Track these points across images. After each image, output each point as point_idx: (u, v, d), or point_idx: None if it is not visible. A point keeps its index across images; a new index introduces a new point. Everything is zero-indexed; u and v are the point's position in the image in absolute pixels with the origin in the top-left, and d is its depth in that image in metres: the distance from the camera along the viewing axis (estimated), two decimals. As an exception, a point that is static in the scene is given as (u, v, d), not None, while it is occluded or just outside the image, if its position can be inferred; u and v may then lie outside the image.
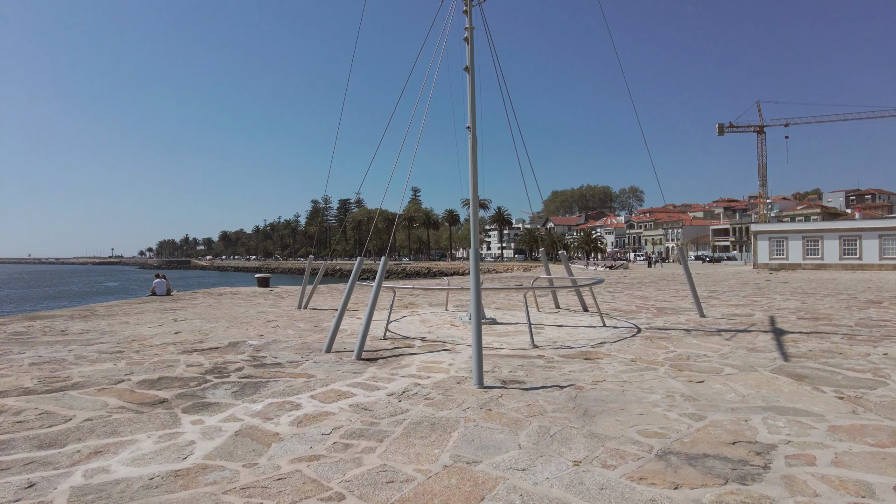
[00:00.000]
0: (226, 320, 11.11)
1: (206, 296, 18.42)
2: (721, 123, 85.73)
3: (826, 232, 44.49)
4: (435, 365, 6.46)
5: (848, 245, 42.88)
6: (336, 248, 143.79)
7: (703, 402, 4.82)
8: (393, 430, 4.09)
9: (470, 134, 10.56)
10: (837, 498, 2.95)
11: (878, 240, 41.70)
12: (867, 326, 9.51)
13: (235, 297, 17.73)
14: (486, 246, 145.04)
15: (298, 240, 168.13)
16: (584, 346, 7.70)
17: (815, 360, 6.61)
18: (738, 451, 3.64)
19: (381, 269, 7.64)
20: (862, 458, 3.48)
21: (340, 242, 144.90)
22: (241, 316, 11.90)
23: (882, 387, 5.29)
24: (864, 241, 42.20)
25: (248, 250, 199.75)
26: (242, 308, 13.74)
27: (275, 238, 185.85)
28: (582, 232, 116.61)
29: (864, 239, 42.25)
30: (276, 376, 5.94)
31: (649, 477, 3.22)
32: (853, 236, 42.86)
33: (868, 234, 42.27)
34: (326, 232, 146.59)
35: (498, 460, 3.48)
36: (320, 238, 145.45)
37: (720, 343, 7.84)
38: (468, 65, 10.73)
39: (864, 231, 42.73)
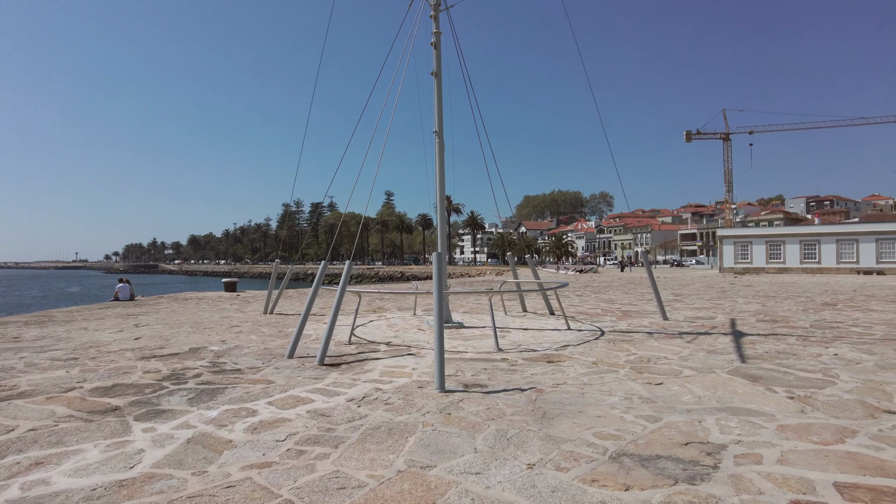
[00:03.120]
0: (188, 326, 10.88)
1: (171, 301, 18.03)
2: (689, 130, 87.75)
3: (788, 237, 45.91)
4: (398, 369, 6.42)
5: (808, 249, 44.31)
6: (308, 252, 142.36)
7: (661, 403, 4.89)
8: (349, 435, 4.04)
9: (437, 138, 10.59)
10: (780, 495, 3.02)
11: (835, 244, 43.23)
12: (821, 328, 9.81)
13: (201, 302, 17.40)
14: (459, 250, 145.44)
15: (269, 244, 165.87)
16: (548, 350, 7.75)
17: (771, 361, 6.78)
18: (690, 451, 3.70)
19: (346, 274, 7.57)
20: (806, 456, 3.57)
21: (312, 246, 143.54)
22: (205, 321, 11.67)
23: (830, 386, 5.44)
24: (823, 245, 43.71)
25: (218, 254, 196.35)
26: (207, 313, 13.48)
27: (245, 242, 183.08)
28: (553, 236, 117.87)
29: (822, 244, 43.76)
30: (234, 382, 5.83)
31: (601, 479, 3.24)
32: (813, 241, 44.31)
33: (826, 239, 43.81)
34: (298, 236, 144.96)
35: (452, 464, 3.46)
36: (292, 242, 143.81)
37: (681, 345, 7.98)
38: (435, 69, 10.77)
39: (823, 236, 44.26)
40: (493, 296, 10.71)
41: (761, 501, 2.95)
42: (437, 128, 10.59)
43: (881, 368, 6.28)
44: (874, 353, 7.21)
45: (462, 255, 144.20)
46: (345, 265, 7.81)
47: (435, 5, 10.78)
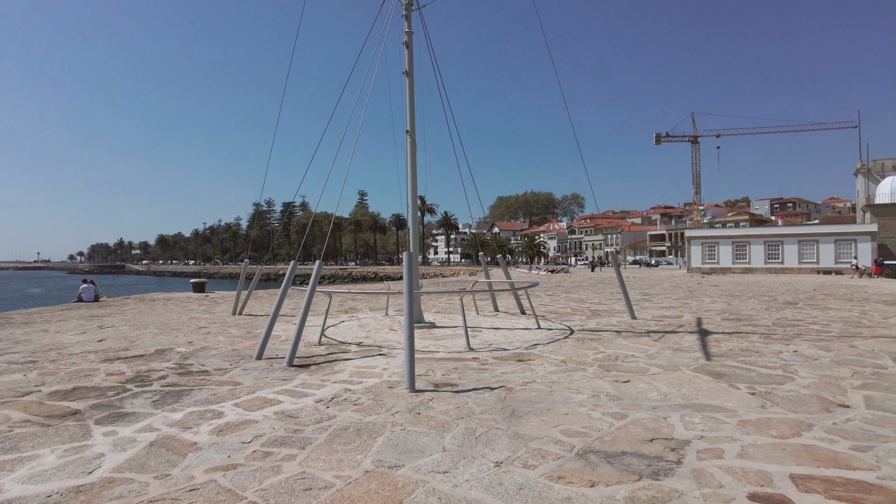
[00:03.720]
0: (155, 327, 10.65)
1: (138, 302, 17.62)
2: (658, 133, 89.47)
3: (753, 238, 47.18)
4: (368, 370, 6.39)
5: (772, 250, 45.61)
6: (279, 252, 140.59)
7: (627, 401, 4.97)
8: (317, 436, 4.01)
9: (409, 138, 10.58)
10: (739, 488, 3.10)
11: (797, 245, 44.60)
12: (782, 326, 10.09)
13: (168, 303, 17.04)
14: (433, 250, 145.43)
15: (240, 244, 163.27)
16: (519, 349, 7.81)
17: (734, 358, 6.95)
18: (654, 447, 3.77)
19: (315, 274, 7.51)
20: (765, 450, 3.67)
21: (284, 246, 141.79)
22: (172, 322, 11.44)
23: (790, 382, 5.61)
24: (786, 246, 45.06)
25: (187, 255, 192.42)
26: (174, 314, 13.21)
27: (215, 242, 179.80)
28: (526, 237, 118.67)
29: (785, 244, 45.11)
30: (201, 384, 5.73)
31: (567, 476, 3.28)
32: (776, 242, 45.64)
33: (789, 239, 45.19)
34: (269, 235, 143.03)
35: (420, 464, 3.47)
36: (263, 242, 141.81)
37: (648, 344, 8.13)
38: (407, 69, 10.75)
39: (786, 237, 45.64)
40: (464, 296, 10.74)
41: (721, 495, 3.02)
42: (409, 127, 10.58)
43: (837, 364, 6.49)
44: (831, 350, 7.45)
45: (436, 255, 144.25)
46: (315, 265, 7.73)
47: (407, 5, 10.77)
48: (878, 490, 3.06)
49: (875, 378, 5.77)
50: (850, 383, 5.55)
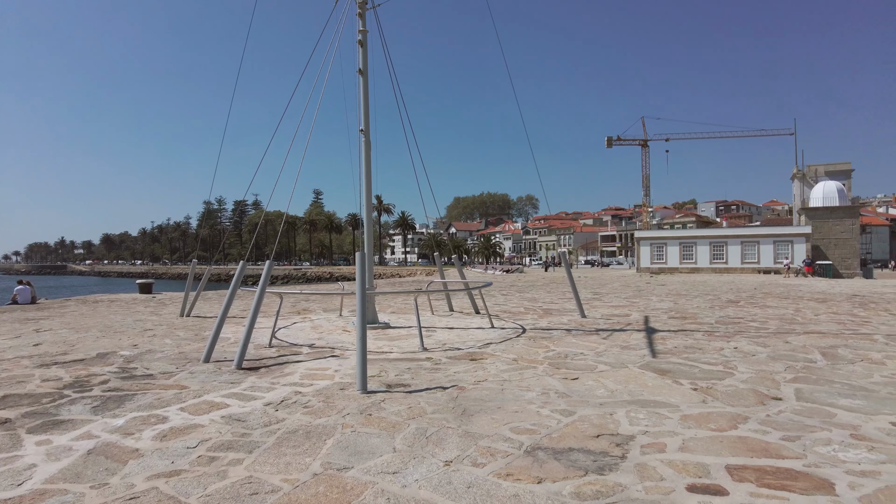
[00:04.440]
0: (97, 330, 10.22)
1: (80, 304, 16.84)
2: (610, 136, 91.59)
3: (699, 239, 49.03)
4: (320, 372, 6.32)
5: (717, 250, 47.53)
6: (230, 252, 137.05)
7: (575, 398, 5.09)
8: (265, 440, 3.94)
9: (363, 137, 10.52)
10: (679, 480, 3.22)
11: (740, 246, 46.65)
12: (724, 324, 10.53)
13: (113, 304, 16.37)
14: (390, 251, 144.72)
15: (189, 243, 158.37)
16: (472, 348, 7.88)
17: (679, 355, 7.21)
18: (600, 443, 3.87)
19: (265, 274, 7.37)
20: (704, 443, 3.83)
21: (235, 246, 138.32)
22: (116, 325, 11.00)
23: (729, 377, 5.86)
24: (730, 247, 47.06)
25: (134, 254, 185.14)
26: (119, 316, 12.70)
27: (163, 241, 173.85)
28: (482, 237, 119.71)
29: (729, 245, 47.12)
30: (145, 389, 5.54)
31: (516, 473, 3.34)
32: (721, 243, 47.59)
33: (732, 241, 47.22)
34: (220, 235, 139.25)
35: (370, 465, 3.46)
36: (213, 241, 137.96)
37: (597, 342, 8.34)
38: (361, 67, 10.69)
39: (730, 238, 47.67)
40: (419, 296, 10.75)
41: (662, 487, 3.13)
42: (364, 126, 10.52)
43: (772, 359, 6.83)
44: (767, 346, 7.83)
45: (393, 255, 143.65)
46: (265, 265, 7.59)
47: (361, 3, 10.70)
48: (804, 477, 3.24)
49: (805, 372, 6.10)
50: (784, 377, 5.85)
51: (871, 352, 7.35)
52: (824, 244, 44.21)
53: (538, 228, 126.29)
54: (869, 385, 5.48)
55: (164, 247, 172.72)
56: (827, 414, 4.51)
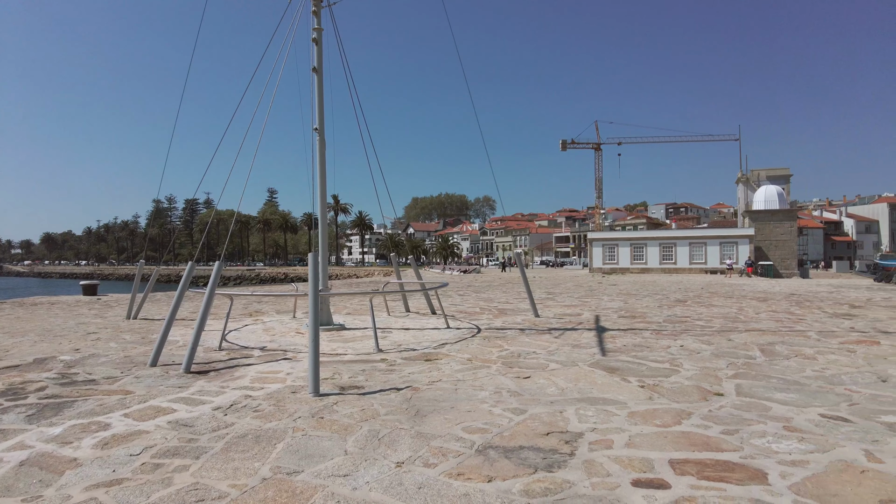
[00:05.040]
0: (35, 334, 9.73)
1: (15, 306, 15.98)
2: (564, 139, 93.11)
3: (649, 240, 50.60)
4: (271, 375, 6.21)
5: (666, 251, 49.14)
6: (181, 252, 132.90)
7: (527, 396, 5.18)
8: (213, 445, 3.85)
9: (318, 136, 10.40)
10: (625, 476, 3.32)
11: (688, 247, 48.37)
12: (672, 322, 10.90)
13: (53, 307, 15.61)
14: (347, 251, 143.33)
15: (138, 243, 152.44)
16: (427, 348, 7.90)
17: (628, 353, 7.42)
18: (550, 441, 3.95)
19: (215, 275, 7.19)
20: (649, 439, 3.96)
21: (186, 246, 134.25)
22: (57, 328, 10.50)
23: (675, 374, 6.08)
24: (679, 248, 48.75)
25: (78, 255, 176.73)
26: (60, 319, 12.13)
27: (110, 241, 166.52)
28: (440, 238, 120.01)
29: (678, 246, 48.80)
30: (86, 395, 5.32)
31: (467, 472, 3.37)
32: (670, 244, 49.24)
33: (681, 242, 48.94)
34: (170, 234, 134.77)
35: (321, 468, 3.43)
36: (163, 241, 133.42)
37: (549, 341, 8.49)
38: (316, 65, 10.56)
39: (678, 240, 49.39)
40: (374, 297, 10.69)
41: (608, 483, 3.23)
42: (318, 125, 10.40)
43: (715, 356, 7.11)
44: (711, 344, 8.14)
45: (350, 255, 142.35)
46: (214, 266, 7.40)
47: (316, 1, 10.57)
48: (741, 468, 3.40)
49: (745, 368, 6.38)
50: (725, 373, 6.10)
51: (804, 348, 7.74)
52: (766, 245, 46.28)
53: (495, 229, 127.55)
54: (801, 379, 5.78)
55: (110, 247, 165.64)
56: (763, 408, 4.74)
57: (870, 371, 6.19)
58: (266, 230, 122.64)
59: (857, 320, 11.09)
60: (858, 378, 5.85)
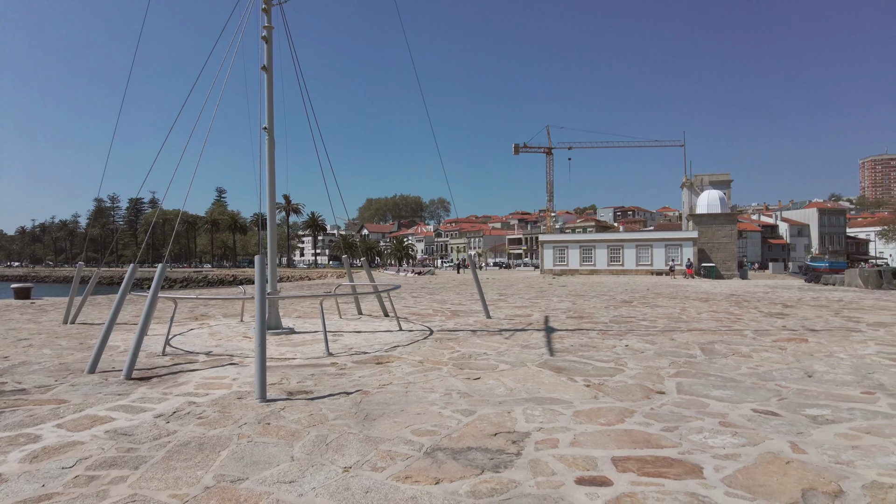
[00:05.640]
0: (-42, 341, 9.15)
1: (-65, 312, 14.97)
2: (517, 143, 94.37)
3: (598, 242, 51.97)
4: (217, 381, 6.05)
5: (614, 253, 50.58)
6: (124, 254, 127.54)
7: (476, 397, 5.23)
8: (153, 454, 3.73)
9: (267, 135, 10.21)
10: (569, 474, 3.41)
11: (635, 249, 49.94)
12: (618, 322, 11.22)
13: (-22, 312, 14.70)
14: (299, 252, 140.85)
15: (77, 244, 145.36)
16: (379, 351, 7.87)
17: (575, 353, 7.59)
18: (497, 441, 4.01)
19: (158, 278, 6.95)
20: (593, 437, 4.07)
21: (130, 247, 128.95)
22: (-19, 335, 9.90)
23: (620, 374, 6.26)
24: (626, 250, 50.28)
25: (10, 255, 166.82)
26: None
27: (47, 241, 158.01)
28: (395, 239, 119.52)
29: (625, 248, 50.33)
30: (15, 405, 5.04)
31: (415, 475, 3.38)
32: (618, 246, 50.71)
33: (628, 244, 50.49)
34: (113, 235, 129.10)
35: (266, 475, 3.37)
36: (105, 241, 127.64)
37: (500, 342, 8.60)
38: (266, 64, 10.37)
39: (626, 242, 50.93)
40: (325, 299, 10.56)
41: (553, 482, 3.30)
42: (268, 124, 10.21)
43: (658, 356, 7.37)
44: (655, 343, 8.43)
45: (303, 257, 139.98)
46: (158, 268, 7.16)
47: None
48: (679, 464, 3.54)
49: (686, 367, 6.64)
50: (668, 372, 6.33)
51: (741, 346, 8.11)
52: (708, 248, 48.21)
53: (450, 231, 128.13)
54: (737, 376, 6.06)
55: (47, 247, 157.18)
56: (702, 405, 4.94)
57: (798, 367, 6.54)
58: (214, 231, 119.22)
59: (789, 319, 11.70)
60: (788, 374, 6.17)
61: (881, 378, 5.96)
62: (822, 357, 7.21)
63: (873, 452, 3.71)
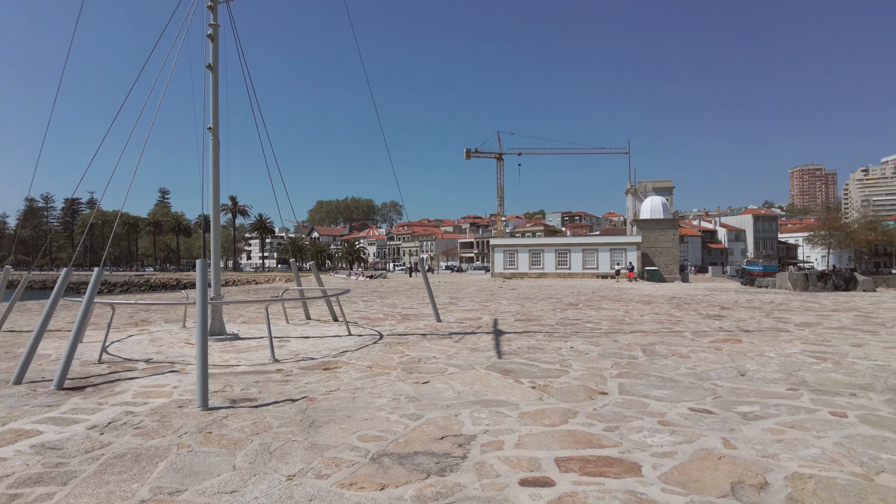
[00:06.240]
0: None
1: None
2: (468, 148, 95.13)
3: (546, 246, 53.09)
4: (156, 389, 5.83)
5: (561, 257, 51.80)
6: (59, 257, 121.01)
7: (425, 401, 5.24)
8: (85, 468, 3.56)
9: (212, 135, 9.94)
10: (513, 475, 3.46)
11: (581, 253, 51.31)
12: (564, 325, 11.47)
13: None
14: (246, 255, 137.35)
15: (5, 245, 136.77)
16: (326, 357, 7.77)
17: (522, 355, 7.71)
18: (444, 445, 4.03)
19: (94, 282, 6.65)
20: (538, 438, 4.15)
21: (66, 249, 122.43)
22: None
23: (564, 375, 6.40)
24: (573, 254, 51.58)
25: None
26: None
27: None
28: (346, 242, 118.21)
29: (572, 252, 51.64)
30: (-70, 420, 4.71)
31: (360, 481, 3.36)
32: (565, 250, 51.97)
33: (575, 248, 51.84)
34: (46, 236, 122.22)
35: (206, 486, 3.28)
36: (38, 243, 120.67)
37: (449, 345, 8.65)
38: (212, 62, 10.10)
39: (573, 246, 52.29)
40: (271, 304, 10.33)
41: (497, 483, 3.34)
42: (213, 124, 9.94)
43: (602, 357, 7.58)
44: (599, 345, 8.66)
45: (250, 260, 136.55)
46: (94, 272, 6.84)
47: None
48: (619, 462, 3.65)
49: (628, 367, 6.85)
50: (610, 373, 6.51)
51: (680, 347, 8.44)
52: (652, 252, 49.91)
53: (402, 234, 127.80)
54: (676, 376, 6.30)
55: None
56: (642, 405, 5.11)
57: (732, 366, 6.87)
58: (157, 233, 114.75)
59: (725, 320, 12.26)
60: (723, 373, 6.47)
61: (805, 375, 6.33)
62: (753, 357, 7.58)
63: (796, 445, 3.94)
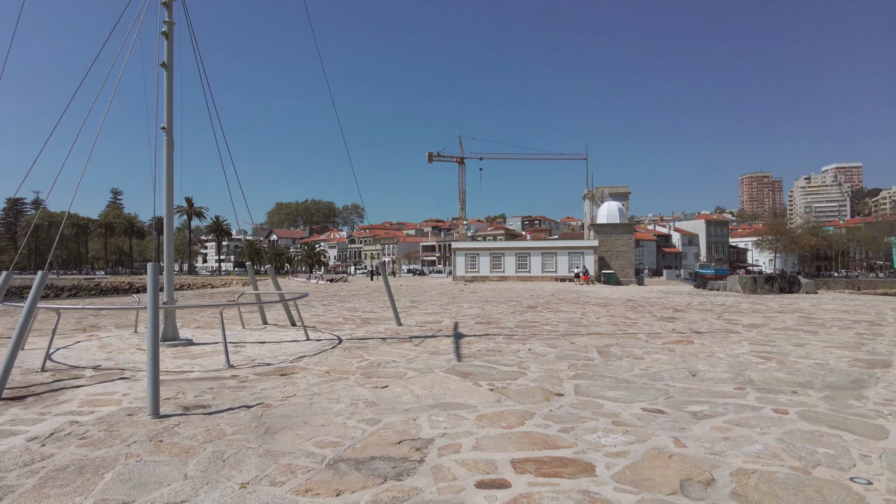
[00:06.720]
0: None
1: None
2: (430, 152, 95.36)
3: (507, 250, 53.71)
4: (105, 397, 5.63)
5: (521, 261, 52.45)
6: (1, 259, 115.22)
7: (383, 406, 5.22)
8: (23, 482, 3.41)
9: (166, 135, 9.68)
10: (470, 478, 3.48)
11: (541, 257, 52.07)
12: (523, 327, 11.61)
13: None
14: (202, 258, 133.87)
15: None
16: (283, 362, 7.64)
17: (481, 358, 7.77)
18: (401, 449, 4.02)
19: (37, 286, 6.36)
20: (494, 440, 4.19)
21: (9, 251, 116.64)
22: None
23: (522, 377, 6.48)
24: (532, 257, 52.32)
25: None
26: None
27: None
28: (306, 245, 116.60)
29: (532, 256, 52.37)
30: None
31: (315, 488, 3.32)
32: (525, 254, 52.66)
33: (535, 252, 52.57)
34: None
35: (155, 496, 3.19)
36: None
37: (409, 349, 8.63)
38: (166, 61, 9.83)
39: (532, 250, 53.02)
40: (226, 309, 10.11)
41: (454, 486, 3.36)
42: (167, 123, 9.68)
43: (559, 359, 7.70)
44: (556, 347, 8.80)
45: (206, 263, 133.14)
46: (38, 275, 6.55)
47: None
48: (573, 463, 3.72)
49: (584, 369, 6.99)
50: (567, 374, 6.62)
51: (635, 348, 8.65)
52: (608, 256, 51.02)
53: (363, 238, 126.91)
54: (630, 377, 6.46)
55: None
56: (597, 405, 5.22)
57: (684, 367, 7.08)
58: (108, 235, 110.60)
59: (678, 322, 12.63)
60: (675, 374, 6.66)
61: (751, 374, 6.59)
62: (704, 357, 7.84)
63: (741, 442, 4.09)
